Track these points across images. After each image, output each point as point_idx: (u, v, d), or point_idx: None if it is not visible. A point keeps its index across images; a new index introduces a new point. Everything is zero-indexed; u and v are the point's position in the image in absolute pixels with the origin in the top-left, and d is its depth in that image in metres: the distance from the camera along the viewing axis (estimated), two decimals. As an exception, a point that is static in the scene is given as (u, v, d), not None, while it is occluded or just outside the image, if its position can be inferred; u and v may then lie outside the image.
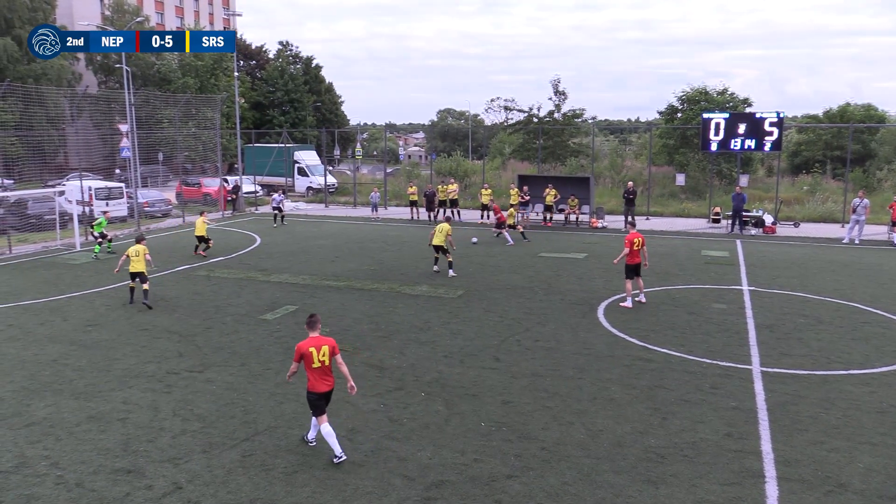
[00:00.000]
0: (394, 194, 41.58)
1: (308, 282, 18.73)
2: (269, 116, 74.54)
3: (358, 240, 26.45)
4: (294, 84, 75.82)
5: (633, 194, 29.10)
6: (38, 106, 40.24)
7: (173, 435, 9.24)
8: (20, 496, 7.75)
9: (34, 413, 10.03)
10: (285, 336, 13.68)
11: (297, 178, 47.49)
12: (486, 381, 11.13)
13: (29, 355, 12.68)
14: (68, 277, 19.76)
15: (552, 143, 44.07)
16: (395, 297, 16.90)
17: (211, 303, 16.51)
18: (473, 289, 17.77)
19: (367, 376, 11.38)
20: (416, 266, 20.83)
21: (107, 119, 47.30)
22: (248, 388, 10.94)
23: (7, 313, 15.80)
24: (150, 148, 44.89)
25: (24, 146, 41.06)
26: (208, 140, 43.87)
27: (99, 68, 67.23)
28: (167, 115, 45.42)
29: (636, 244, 15.70)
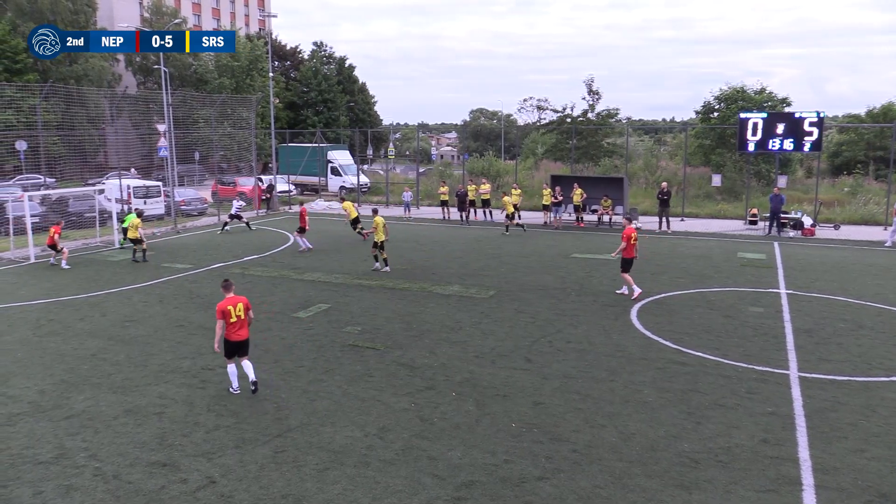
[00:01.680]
0: (426, 194, 41.66)
1: (340, 280, 18.87)
2: (303, 116, 75.30)
3: (390, 239, 26.52)
4: (327, 84, 76.48)
5: (667, 195, 28.74)
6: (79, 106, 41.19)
7: (207, 430, 9.39)
8: (60, 486, 7.95)
9: (74, 406, 10.27)
10: (318, 334, 13.80)
11: (330, 178, 47.87)
12: (517, 382, 11.09)
13: (69, 349, 13.00)
14: (107, 274, 20.20)
15: (585, 144, 43.72)
16: (426, 297, 16.94)
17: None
18: (505, 289, 17.73)
19: (399, 375, 11.42)
20: (448, 266, 20.85)
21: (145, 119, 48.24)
22: (281, 384, 11.06)
23: (48, 308, 16.21)
24: (187, 147, 45.64)
25: (66, 145, 42.08)
26: (243, 140, 44.49)
27: (138, 69, 68.63)
28: (203, 115, 46.15)
29: (633, 238, 16.63)
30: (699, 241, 25.73)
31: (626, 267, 16.80)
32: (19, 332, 14.24)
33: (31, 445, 8.97)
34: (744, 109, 35.19)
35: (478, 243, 25.32)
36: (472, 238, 26.64)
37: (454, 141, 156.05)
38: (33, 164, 37.37)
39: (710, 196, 37.23)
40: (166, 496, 7.74)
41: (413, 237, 27.01)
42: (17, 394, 10.78)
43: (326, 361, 12.13)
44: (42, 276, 20.09)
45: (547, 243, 25.31)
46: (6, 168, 41.56)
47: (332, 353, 12.62)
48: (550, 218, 30.39)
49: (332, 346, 13.03)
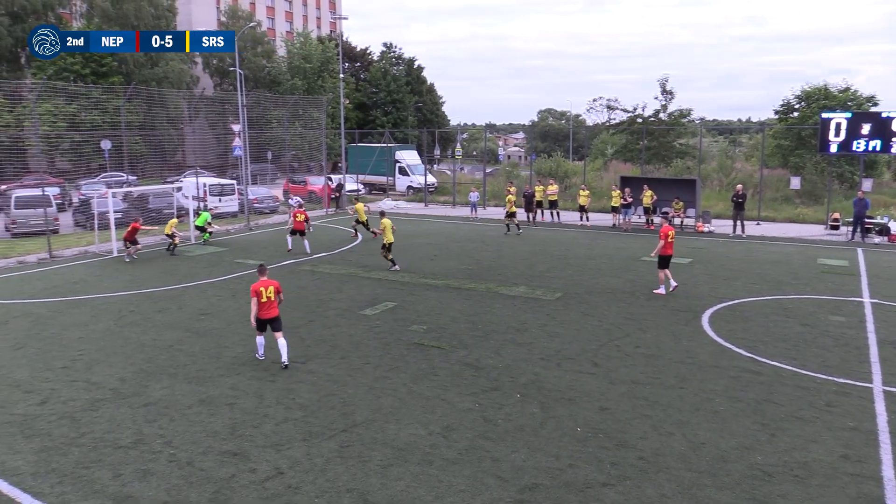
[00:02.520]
0: (493, 194, 41.62)
1: (407, 279, 19.05)
2: (372, 117, 76.41)
3: (457, 239, 26.66)
4: (396, 85, 77.37)
5: (742, 198, 27.83)
6: (159, 107, 43.03)
7: (276, 422, 9.64)
8: (137, 470, 8.32)
9: (151, 394, 10.73)
10: (384, 332, 13.98)
11: (397, 178, 48.38)
12: (583, 386, 10.96)
13: (148, 340, 13.59)
14: (184, 268, 21.00)
15: (657, 144, 42.77)
16: (492, 297, 16.92)
17: (314, 297, 17.10)
18: (572, 291, 17.53)
19: (463, 375, 11.45)
20: (514, 267, 20.78)
21: (221, 119, 50.00)
22: (348, 380, 11.26)
23: (130, 300, 16.98)
24: (260, 147, 47.04)
25: (147, 145, 43.99)
26: (314, 139, 45.54)
27: (215, 71, 71.09)
28: (276, 115, 47.43)
29: (671, 237, 17.08)
30: (776, 246, 24.82)
31: (663, 264, 17.19)
32: (103, 322, 14.98)
33: (111, 430, 9.42)
34: (826, 109, 33.72)
35: (544, 244, 25.13)
36: (539, 239, 26.46)
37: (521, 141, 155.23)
38: (117, 163, 39.25)
39: (788, 199, 35.84)
40: (236, 484, 7.99)
41: (479, 237, 27.03)
42: (99, 380, 11.34)
43: (392, 359, 12.28)
44: (124, 269, 21.05)
45: (616, 245, 24.90)
46: (92, 166, 43.68)
47: (397, 350, 12.76)
48: (619, 220, 29.90)
49: (397, 344, 13.17)
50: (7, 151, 33.06)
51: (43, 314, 15.72)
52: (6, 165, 36.33)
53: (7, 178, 38.09)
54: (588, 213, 31.09)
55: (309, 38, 71.79)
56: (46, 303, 16.84)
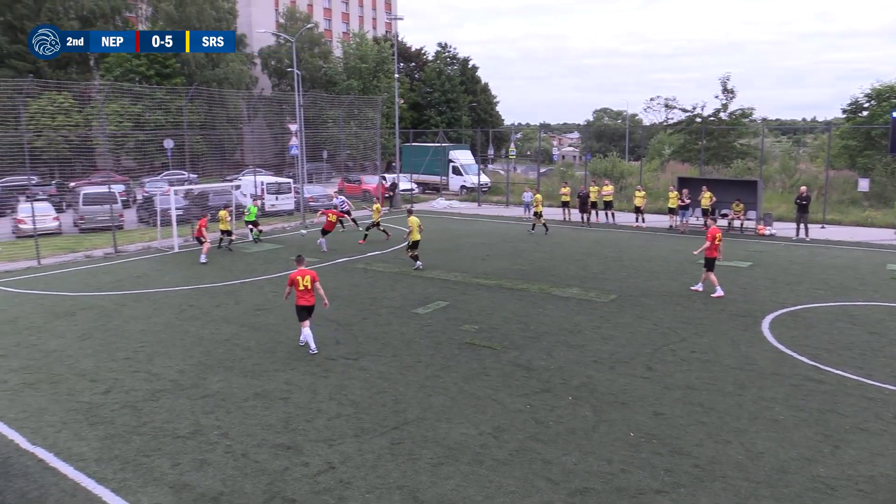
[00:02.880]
0: (546, 194, 41.31)
1: (459, 279, 19.09)
2: (426, 116, 76.77)
3: (509, 239, 26.57)
4: (451, 85, 77.55)
5: (806, 200, 26.92)
6: (220, 107, 44.17)
7: (329, 417, 9.79)
8: (195, 460, 8.56)
9: (209, 386, 11.03)
10: (436, 330, 14.04)
11: (451, 177, 48.50)
12: (636, 390, 10.79)
13: (206, 333, 13.98)
14: (241, 265, 21.51)
15: (716, 144, 41.79)
16: (544, 298, 16.81)
17: (367, 295, 17.30)
18: (626, 294, 17.28)
19: (515, 376, 11.41)
20: (568, 268, 20.60)
21: (278, 119, 50.98)
22: (399, 378, 11.35)
23: (190, 295, 17.49)
24: (316, 146, 47.85)
25: (207, 144, 45.25)
26: (369, 139, 46.03)
27: (273, 72, 72.56)
28: (332, 115, 48.15)
29: (717, 238, 17.06)
30: (841, 251, 23.93)
31: (709, 266, 17.23)
32: (164, 315, 15.47)
33: (170, 420, 9.72)
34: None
35: (599, 246, 24.83)
36: (593, 240, 26.15)
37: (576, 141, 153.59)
38: (178, 161, 40.49)
39: (855, 202, 34.47)
40: (289, 477, 8.14)
41: (532, 238, 26.87)
42: (160, 372, 11.71)
43: (444, 358, 12.32)
44: (184, 264, 21.69)
45: (672, 248, 24.42)
46: (155, 164, 45.17)
47: (449, 350, 12.80)
48: (676, 221, 29.32)
49: (449, 343, 13.22)
50: (77, 150, 34.54)
51: (108, 307, 16.33)
52: (75, 164, 37.94)
53: (76, 175, 39.80)
54: (644, 214, 30.59)
55: (365, 39, 72.60)
56: (111, 296, 17.49)
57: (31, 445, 9.03)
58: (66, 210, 33.93)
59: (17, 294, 17.88)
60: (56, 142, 39.48)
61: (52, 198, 33.89)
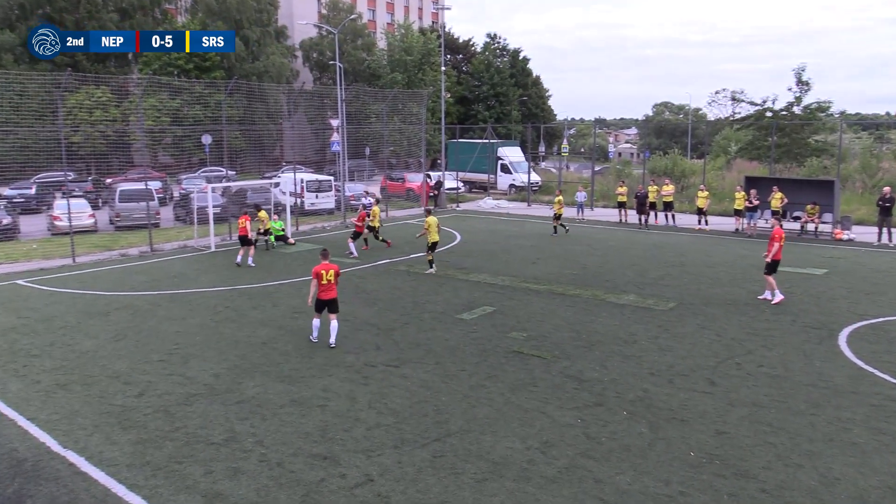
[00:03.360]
0: (601, 194, 40.88)
1: (507, 283, 19.01)
2: (474, 111, 76.84)
3: (561, 242, 26.36)
4: (500, 78, 77.48)
5: (889, 202, 26.01)
6: (259, 102, 45.02)
7: (368, 427, 9.82)
8: (228, 468, 8.68)
9: (244, 391, 11.19)
10: (482, 338, 13.99)
11: (499, 175, 48.39)
12: (697, 406, 10.55)
13: (242, 336, 14.20)
14: (280, 265, 21.81)
15: (788, 141, 40.66)
16: (598, 305, 16.62)
17: (409, 298, 17.35)
18: (687, 301, 16.95)
19: (565, 387, 11.29)
20: (624, 273, 20.32)
21: (319, 114, 51.68)
22: (442, 387, 11.33)
23: (226, 296, 17.81)
24: (358, 142, 48.34)
25: (246, 139, 46.11)
26: (413, 135, 46.31)
27: (314, 65, 73.61)
28: (375, 110, 48.60)
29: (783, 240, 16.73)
30: (929, 258, 23.03)
31: (771, 269, 16.88)
32: (199, 316, 15.78)
33: (204, 426, 9.89)
34: None
35: (658, 250, 24.44)
36: (652, 244, 25.76)
37: (634, 137, 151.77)
38: (216, 157, 41.36)
39: (946, 205, 33.14)
40: (325, 489, 8.19)
41: (586, 240, 26.61)
42: (194, 375, 11.94)
43: (489, 367, 12.27)
44: (221, 264, 22.11)
45: (738, 252, 23.88)
46: (192, 161, 46.27)
47: (495, 358, 12.74)
48: (743, 224, 28.68)
49: (495, 351, 13.15)
50: (114, 145, 35.56)
51: (142, 307, 16.74)
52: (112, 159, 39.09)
53: (113, 171, 41.02)
54: (707, 216, 30.03)
55: (410, 30, 73.12)
56: (146, 296, 17.93)
57: (62, 449, 9.28)
58: (102, 207, 34.97)
59: (51, 293, 18.47)
60: (93, 137, 40.78)
61: (89, 194, 35.00)
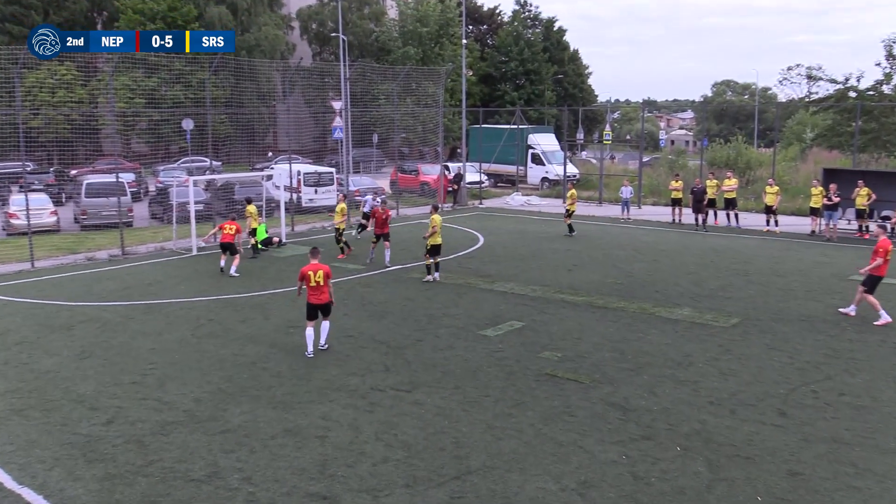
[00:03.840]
0: (651, 189, 40.76)
1: (538, 294, 18.98)
2: (500, 91, 76.98)
3: (602, 245, 26.29)
4: (531, 52, 77.55)
5: None
6: (249, 80, 45.28)
7: (374, 462, 9.84)
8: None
9: (230, 419, 11.25)
10: (508, 358, 13.97)
11: (530, 167, 48.40)
12: (765, 442, 10.47)
13: (228, 354, 14.28)
14: (272, 271, 21.93)
15: (876, 127, 40.32)
16: (646, 321, 16.55)
17: (424, 311, 17.37)
18: (753, 316, 16.84)
19: (607, 417, 11.24)
20: (677, 282, 20.23)
21: (319, 95, 51.95)
22: (462, 416, 11.32)
23: (209, 307, 17.94)
24: (365, 128, 48.49)
25: (234, 124, 46.40)
26: (429, 119, 46.37)
27: (314, 38, 74.08)
28: (384, 90, 48.79)
29: (889, 253, 16.52)
30: None
31: (871, 286, 16.73)
32: (178, 331, 15.91)
33: (183, 459, 9.95)
34: None
35: (717, 255, 24.32)
36: (710, 248, 25.63)
37: (690, 122, 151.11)
38: (199, 145, 41.68)
39: None
40: (324, 535, 8.20)
41: (632, 243, 26.52)
42: (172, 400, 12.02)
43: (517, 392, 12.24)
44: (204, 270, 22.28)
45: (815, 259, 23.71)
46: (171, 149, 46.65)
47: (524, 382, 12.71)
48: (821, 225, 28.45)
49: (524, 373, 13.13)
50: (79, 131, 35.69)
51: (112, 320, 16.90)
52: (78, 147, 39.43)
53: (78, 162, 41.39)
54: (777, 215, 29.80)
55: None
56: (116, 306, 18.10)
57: (17, 485, 9.37)
58: (66, 203, 35.33)
59: (5, 303, 18.71)
60: (56, 121, 41.20)
61: (50, 188, 35.38)
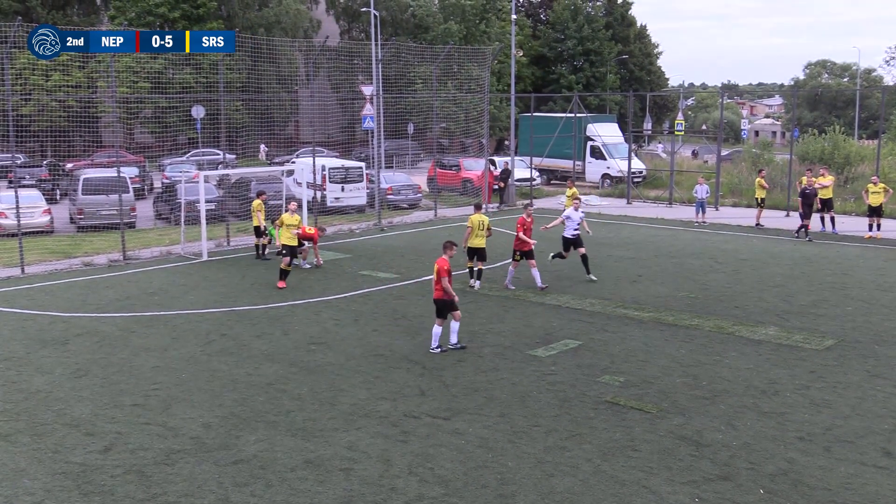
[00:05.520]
0: (730, 188, 40.36)
1: (597, 308, 18.89)
2: (555, 75, 76.92)
3: (673, 253, 26.09)
4: (591, 29, 77.30)
5: None
6: (268, 62, 45.61)
7: (407, 499, 9.87)
8: (222, 551, 8.83)
9: (244, 448, 11.35)
10: (562, 382, 13.91)
11: (588, 162, 48.20)
12: (866, 486, 10.32)
13: (242, 374, 14.42)
14: (293, 280, 22.09)
15: None
16: (724, 341, 16.40)
17: (465, 327, 17.35)
18: (851, 337, 16.60)
19: (677, 453, 11.15)
20: (761, 297, 20.01)
21: (348, 79, 52.24)
22: (508, 448, 11.30)
23: (221, 320, 18.14)
24: (399, 117, 48.63)
25: (250, 112, 46.76)
26: (472, 107, 46.35)
27: (342, 14, 74.58)
28: (421, 72, 48.88)
29: None
30: None
31: None
32: (186, 347, 16.11)
33: (190, 493, 10.07)
34: None
35: (809, 265, 24.00)
36: (801, 257, 25.30)
37: (777, 110, 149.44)
38: (211, 136, 42.17)
39: None
40: (350, 582, 8.25)
41: (708, 251, 26.29)
42: (178, 425, 12.17)
43: (573, 422, 12.19)
44: (216, 277, 22.54)
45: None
46: (180, 140, 47.19)
47: (580, 410, 12.66)
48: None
49: (581, 400, 13.07)
50: (76, 119, 35.85)
51: (111, 333, 17.17)
52: (74, 137, 39.97)
53: (75, 154, 41.97)
54: (881, 218, 29.29)
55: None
56: (116, 318, 18.37)
57: (6, 517, 9.57)
58: (61, 201, 35.85)
59: (-4, 312, 19.09)
60: (50, 108, 41.88)
61: (43, 183, 35.92)
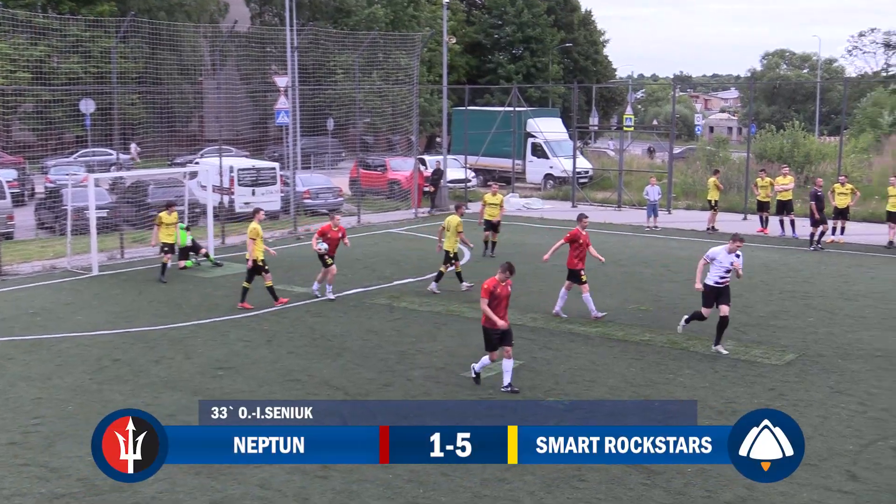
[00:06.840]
0: (684, 189, 40.93)
1: (540, 323, 18.98)
2: (492, 64, 77.21)
3: (622, 261, 26.35)
4: (531, 14, 77.80)
5: None
6: (169, 50, 44.92)
7: (327, 543, 9.77)
8: None
9: (140, 490, 11.08)
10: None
11: (529, 161, 48.37)
12: (831, 512, 10.53)
13: (139, 404, 14.06)
14: (196, 296, 21.79)
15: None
16: (678, 357, 16.62)
17: (393, 347, 17.30)
18: (813, 351, 16.94)
19: (627, 482, 11.24)
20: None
21: (259, 69, 51.70)
22: (441, 482, 11.25)
23: (114, 343, 17.78)
24: (317, 111, 48.27)
25: (147, 107, 45.98)
26: (400, 100, 46.27)
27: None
28: (343, 62, 48.57)
29: None
30: None
31: None
32: (73, 374, 15.73)
33: (79, 543, 9.82)
34: None
35: (769, 273, 24.44)
36: (760, 264, 25.72)
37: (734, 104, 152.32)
38: (102, 134, 41.34)
39: None
40: None
41: (660, 259, 26.61)
42: (63, 465, 11.85)
43: (512, 451, 12.21)
44: (108, 294, 22.10)
45: (893, 278, 23.88)
46: (66, 138, 46.16)
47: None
48: None
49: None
50: (-58, 115, 35.17)
51: (-12, 360, 16.71)
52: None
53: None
54: (846, 221, 29.89)
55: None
56: (-6, 343, 17.90)
57: None
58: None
59: None
60: None
61: None
